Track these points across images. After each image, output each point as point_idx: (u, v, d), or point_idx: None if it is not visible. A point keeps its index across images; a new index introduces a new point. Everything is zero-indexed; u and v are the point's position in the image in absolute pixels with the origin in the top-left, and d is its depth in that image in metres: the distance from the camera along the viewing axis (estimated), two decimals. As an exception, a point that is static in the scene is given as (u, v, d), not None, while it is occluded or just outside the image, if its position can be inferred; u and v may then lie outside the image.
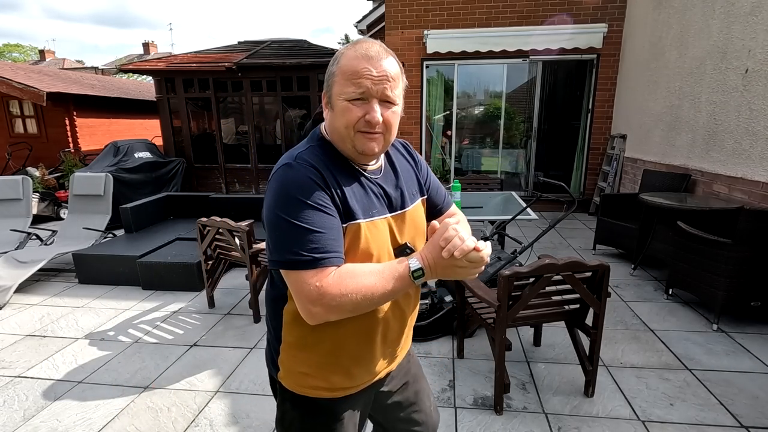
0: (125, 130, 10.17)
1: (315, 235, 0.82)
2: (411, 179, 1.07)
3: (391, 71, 0.89)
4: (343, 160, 0.95)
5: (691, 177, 4.03)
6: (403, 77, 0.95)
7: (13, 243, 4.27)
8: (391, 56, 0.90)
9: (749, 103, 3.34)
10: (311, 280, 0.80)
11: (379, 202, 0.95)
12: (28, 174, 6.93)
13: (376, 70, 0.86)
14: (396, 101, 0.91)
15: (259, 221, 3.91)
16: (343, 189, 0.90)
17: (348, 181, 0.92)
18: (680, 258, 3.16)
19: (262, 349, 2.78)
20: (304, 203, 0.83)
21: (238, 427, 2.07)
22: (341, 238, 0.87)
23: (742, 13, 3.46)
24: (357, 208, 0.90)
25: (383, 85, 0.87)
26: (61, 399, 2.31)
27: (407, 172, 1.07)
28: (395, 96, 0.90)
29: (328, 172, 0.89)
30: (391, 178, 1.01)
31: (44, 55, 28.42)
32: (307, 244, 0.81)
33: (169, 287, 3.75)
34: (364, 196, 0.93)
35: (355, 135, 0.89)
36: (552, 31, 5.89)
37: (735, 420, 2.04)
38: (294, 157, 0.90)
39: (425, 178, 1.12)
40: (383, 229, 0.94)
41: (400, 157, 1.08)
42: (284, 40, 8.85)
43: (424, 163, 1.16)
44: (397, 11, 6.28)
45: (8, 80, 7.68)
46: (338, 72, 0.90)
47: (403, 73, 0.95)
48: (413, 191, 1.06)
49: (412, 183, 1.06)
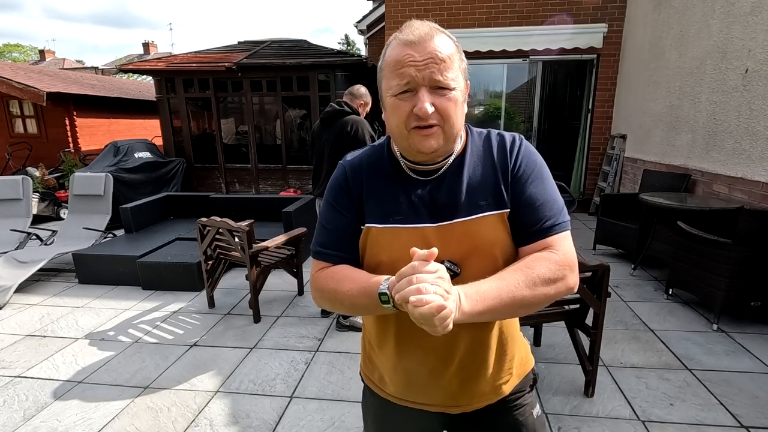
0: (125, 130, 10.17)
1: (324, 230, 0.91)
2: (485, 186, 0.84)
3: (440, 51, 0.76)
4: (392, 160, 0.88)
5: (691, 177, 4.03)
6: (460, 56, 0.81)
7: (13, 243, 4.27)
8: (441, 34, 0.79)
9: (749, 103, 3.34)
10: (312, 268, 0.94)
11: (412, 209, 0.83)
12: (28, 174, 6.93)
13: (419, 54, 0.76)
14: (450, 85, 0.77)
15: (258, 221, 3.92)
16: (365, 191, 0.87)
17: (379, 183, 0.87)
18: (680, 258, 3.16)
19: (262, 349, 2.78)
20: (328, 202, 0.91)
21: (238, 427, 2.07)
22: (350, 238, 0.88)
23: (742, 13, 3.45)
24: (375, 211, 0.85)
25: (429, 69, 0.75)
26: (61, 399, 2.31)
27: (483, 176, 0.84)
28: (448, 79, 0.77)
29: (361, 173, 0.88)
30: (450, 182, 0.84)
31: (44, 55, 28.44)
32: (318, 238, 0.92)
33: (169, 287, 3.75)
34: (392, 201, 0.85)
35: (409, 133, 0.79)
36: (552, 31, 5.88)
37: (735, 420, 2.04)
38: (344, 158, 0.94)
39: (517, 187, 0.84)
40: (406, 238, 0.82)
41: (482, 155, 0.87)
42: (284, 40, 8.86)
43: (533, 168, 0.85)
44: (397, 11, 6.28)
45: (8, 80, 7.68)
46: (384, 66, 0.81)
47: (460, 52, 0.81)
48: (481, 201, 0.83)
49: (483, 191, 0.83)
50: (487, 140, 0.88)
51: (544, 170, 0.86)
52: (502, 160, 0.85)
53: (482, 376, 0.90)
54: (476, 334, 0.87)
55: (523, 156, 0.85)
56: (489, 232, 0.82)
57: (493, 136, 0.89)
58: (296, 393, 2.32)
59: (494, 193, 0.83)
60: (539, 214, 0.82)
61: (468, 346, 0.87)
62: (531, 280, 0.76)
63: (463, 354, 0.87)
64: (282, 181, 7.97)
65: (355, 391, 2.33)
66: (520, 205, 0.83)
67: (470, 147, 0.87)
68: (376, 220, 0.85)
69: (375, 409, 1.01)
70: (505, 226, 0.83)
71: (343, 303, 0.84)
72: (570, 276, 0.81)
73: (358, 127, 2.81)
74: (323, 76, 7.31)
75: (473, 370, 0.89)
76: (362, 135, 2.79)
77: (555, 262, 0.79)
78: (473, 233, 0.81)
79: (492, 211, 0.83)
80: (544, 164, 0.88)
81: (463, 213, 0.82)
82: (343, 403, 2.24)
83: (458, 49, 0.81)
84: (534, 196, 0.83)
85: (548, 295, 0.78)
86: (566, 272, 0.80)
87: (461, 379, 0.89)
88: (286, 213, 4.11)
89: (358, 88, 2.98)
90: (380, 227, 0.84)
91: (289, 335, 2.96)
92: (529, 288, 0.76)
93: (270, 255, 3.34)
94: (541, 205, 0.83)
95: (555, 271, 0.78)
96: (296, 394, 2.32)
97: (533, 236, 0.82)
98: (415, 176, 0.86)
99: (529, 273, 0.77)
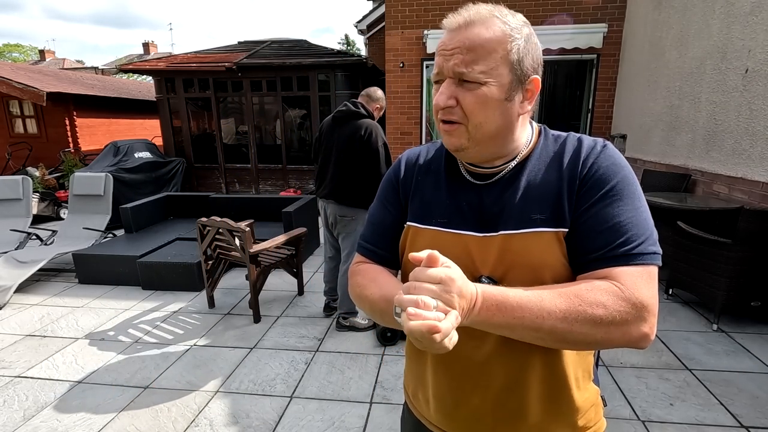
0: (125, 130, 10.17)
1: (369, 224, 0.89)
2: (543, 197, 0.71)
3: (471, 40, 0.66)
4: (449, 158, 0.82)
5: (691, 177, 4.03)
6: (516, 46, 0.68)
7: (13, 243, 4.27)
8: (484, 21, 0.68)
9: (749, 103, 3.34)
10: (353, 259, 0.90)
11: (459, 213, 0.75)
12: (28, 174, 6.93)
13: (451, 42, 0.68)
14: (478, 79, 0.67)
15: (258, 221, 3.92)
16: (414, 187, 0.83)
17: (429, 181, 0.81)
18: (680, 258, 3.16)
19: (262, 349, 2.78)
20: (378, 195, 0.89)
21: (238, 427, 2.07)
22: (391, 234, 0.84)
23: (742, 13, 3.45)
24: (418, 210, 0.80)
25: (453, 60, 0.67)
26: (61, 399, 2.31)
27: (544, 185, 0.72)
28: (475, 71, 0.66)
29: (414, 169, 0.84)
30: (502, 188, 0.74)
31: (44, 55, 28.44)
32: (363, 230, 0.90)
33: (169, 287, 3.75)
34: (439, 201, 0.78)
35: (439, 126, 0.73)
36: (552, 31, 5.88)
37: (735, 420, 2.04)
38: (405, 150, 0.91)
39: (584, 203, 0.69)
40: (447, 244, 0.73)
41: (549, 162, 0.74)
42: (284, 40, 8.86)
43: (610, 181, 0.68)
44: (397, 11, 6.28)
45: (8, 80, 7.68)
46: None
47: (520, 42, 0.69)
48: (535, 214, 0.70)
49: (541, 203, 0.71)
50: (562, 145, 0.75)
51: (627, 185, 0.68)
52: (572, 169, 0.71)
53: (522, 421, 0.74)
54: (514, 365, 0.73)
55: (600, 165, 0.70)
56: (539, 252, 0.68)
57: (570, 140, 0.75)
58: (296, 393, 2.32)
59: (554, 207, 0.69)
60: (606, 238, 0.65)
61: (505, 380, 0.73)
62: (573, 313, 0.60)
63: (500, 389, 0.74)
64: (282, 181, 7.97)
65: (355, 391, 2.33)
66: (583, 224, 0.68)
67: (538, 151, 0.75)
68: (418, 220, 0.79)
69: (410, 427, 0.93)
70: (562, 248, 0.68)
71: (366, 305, 0.80)
72: (637, 323, 0.61)
73: (372, 131, 2.71)
74: (323, 76, 7.31)
75: (511, 411, 0.75)
76: (375, 141, 2.70)
77: (620, 298, 0.61)
78: (519, 250, 0.69)
79: (547, 227, 0.69)
80: (630, 178, 0.69)
81: (510, 225, 0.71)
82: (343, 403, 2.24)
83: (511, 41, 0.68)
84: (604, 215, 0.66)
85: (594, 339, 0.61)
86: (631, 317, 0.60)
87: (496, 419, 0.76)
88: (286, 213, 4.11)
89: (375, 91, 2.90)
90: (420, 227, 0.78)
91: (289, 335, 2.96)
92: (566, 322, 0.60)
93: (270, 255, 3.34)
94: (611, 228, 0.65)
95: (614, 311, 0.60)
96: (296, 394, 2.32)
97: (593, 264, 0.66)
98: (470, 179, 0.78)
99: (574, 303, 0.60)
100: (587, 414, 0.78)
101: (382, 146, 2.74)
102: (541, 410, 0.74)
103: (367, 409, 2.19)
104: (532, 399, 0.73)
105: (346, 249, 2.90)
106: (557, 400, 0.74)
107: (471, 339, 0.72)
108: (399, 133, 6.59)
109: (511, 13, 0.71)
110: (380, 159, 2.72)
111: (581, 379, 0.76)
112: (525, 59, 0.70)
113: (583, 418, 0.77)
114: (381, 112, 2.94)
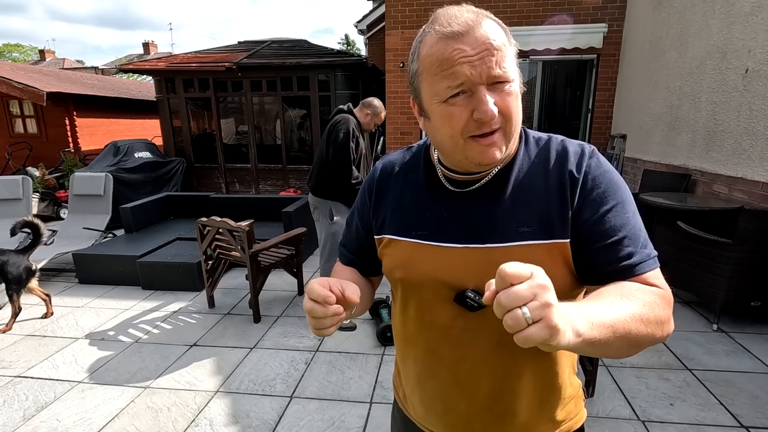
0: (125, 130, 10.17)
1: (346, 229, 0.93)
2: (530, 208, 0.68)
3: (492, 39, 0.62)
4: (427, 167, 0.77)
5: (691, 177, 4.03)
6: (511, 39, 0.66)
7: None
8: (487, 19, 0.64)
9: (749, 103, 3.34)
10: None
11: (440, 225, 0.72)
12: (28, 174, 6.93)
13: (471, 46, 0.61)
14: (509, 76, 0.63)
15: (258, 221, 3.92)
16: (384, 198, 0.80)
17: (408, 189, 0.78)
18: (680, 258, 3.16)
19: (262, 349, 2.78)
20: (355, 202, 0.91)
21: (238, 427, 2.07)
22: (361, 240, 0.87)
23: (742, 13, 3.45)
24: (398, 222, 0.76)
25: (487, 64, 0.61)
26: (61, 399, 2.31)
27: (531, 194, 0.68)
28: (506, 70, 0.62)
29: (389, 178, 0.82)
30: (487, 197, 0.70)
31: (44, 54, 28.44)
32: (343, 235, 0.94)
33: (169, 287, 3.75)
34: (418, 212, 0.75)
35: (465, 143, 0.65)
36: (552, 31, 5.88)
37: (735, 420, 2.04)
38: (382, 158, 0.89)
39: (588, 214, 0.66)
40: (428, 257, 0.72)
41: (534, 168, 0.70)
42: (284, 40, 8.86)
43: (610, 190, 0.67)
44: (397, 11, 6.28)
45: (8, 80, 7.68)
46: (422, 69, 0.66)
47: (510, 36, 0.66)
48: (522, 227, 0.67)
49: (528, 214, 0.67)
50: (545, 149, 0.71)
51: (623, 191, 0.68)
52: (560, 177, 0.68)
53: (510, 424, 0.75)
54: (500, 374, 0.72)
55: (596, 173, 0.67)
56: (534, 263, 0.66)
57: (553, 145, 0.72)
58: (296, 393, 2.32)
59: (543, 218, 0.66)
60: (623, 249, 0.64)
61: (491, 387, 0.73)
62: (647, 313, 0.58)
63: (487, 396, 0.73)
64: (282, 181, 7.97)
65: (355, 391, 2.33)
66: (594, 236, 0.65)
67: (521, 156, 0.72)
68: (396, 232, 0.76)
69: (400, 425, 0.94)
70: (558, 260, 0.66)
71: None
72: (671, 320, 0.63)
73: (340, 121, 2.86)
74: (323, 76, 7.31)
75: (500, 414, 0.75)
76: (338, 130, 2.83)
77: (664, 298, 0.62)
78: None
79: (536, 240, 0.66)
80: (622, 183, 0.69)
81: (497, 238, 0.67)
82: (343, 403, 2.24)
83: (507, 34, 0.66)
84: (614, 225, 0.65)
85: (654, 338, 0.60)
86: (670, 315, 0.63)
87: (485, 423, 0.76)
88: (286, 213, 4.11)
89: (372, 100, 3.04)
90: (399, 240, 0.75)
91: (289, 335, 2.96)
92: (644, 324, 0.57)
93: (270, 255, 3.34)
94: (625, 238, 0.64)
95: (666, 309, 0.61)
96: (296, 394, 2.32)
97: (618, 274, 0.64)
98: (450, 187, 0.73)
99: (638, 305, 0.58)
100: (567, 407, 0.78)
101: (343, 136, 2.81)
102: (529, 411, 0.75)
103: (367, 409, 2.19)
104: (522, 402, 0.74)
105: (320, 239, 3.14)
106: (548, 401, 0.75)
107: (455, 349, 0.72)
108: (399, 133, 6.58)
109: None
110: (338, 146, 2.80)
111: (570, 376, 0.78)
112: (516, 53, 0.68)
113: (562, 411, 0.77)
114: (371, 119, 3.04)
